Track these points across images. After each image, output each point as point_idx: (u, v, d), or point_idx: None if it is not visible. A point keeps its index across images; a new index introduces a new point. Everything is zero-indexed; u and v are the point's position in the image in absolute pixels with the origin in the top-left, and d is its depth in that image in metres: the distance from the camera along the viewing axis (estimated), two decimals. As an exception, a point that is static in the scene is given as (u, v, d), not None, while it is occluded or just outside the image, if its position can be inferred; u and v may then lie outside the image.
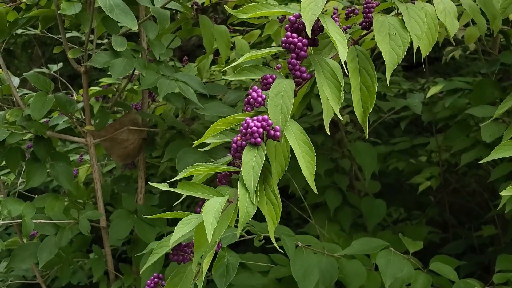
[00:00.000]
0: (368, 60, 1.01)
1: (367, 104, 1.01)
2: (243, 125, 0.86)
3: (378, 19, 1.01)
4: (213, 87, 1.70)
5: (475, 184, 2.54)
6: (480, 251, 2.28)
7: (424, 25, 1.00)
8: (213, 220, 0.78)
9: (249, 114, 0.91)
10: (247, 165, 0.84)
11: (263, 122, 0.85)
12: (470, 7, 1.22)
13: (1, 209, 1.47)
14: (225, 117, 0.90)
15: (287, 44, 0.93)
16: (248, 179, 0.83)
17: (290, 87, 0.89)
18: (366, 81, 1.00)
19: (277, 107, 0.87)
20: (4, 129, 1.52)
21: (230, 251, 1.37)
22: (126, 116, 1.76)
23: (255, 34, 2.08)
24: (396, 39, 0.99)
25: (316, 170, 2.12)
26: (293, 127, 0.89)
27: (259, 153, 0.85)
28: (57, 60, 2.05)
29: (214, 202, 0.81)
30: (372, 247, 1.55)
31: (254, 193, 0.83)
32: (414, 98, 2.10)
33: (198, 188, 0.88)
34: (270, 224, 0.90)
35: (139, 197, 1.77)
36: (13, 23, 1.59)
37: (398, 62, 1.00)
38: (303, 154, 0.88)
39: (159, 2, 1.56)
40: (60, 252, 1.61)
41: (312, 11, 0.89)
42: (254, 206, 0.83)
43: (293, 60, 0.93)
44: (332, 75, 0.92)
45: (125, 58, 1.51)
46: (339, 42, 0.89)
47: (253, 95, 0.90)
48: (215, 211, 0.80)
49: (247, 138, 0.85)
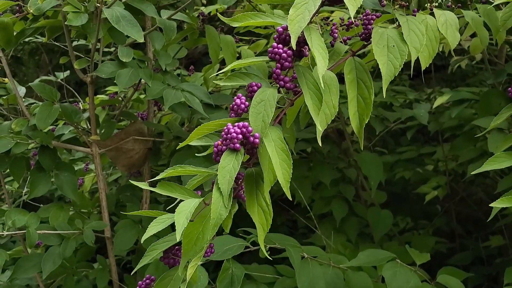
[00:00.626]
0: (365, 72, 1.02)
1: (364, 116, 1.02)
2: (224, 130, 0.89)
3: (377, 31, 1.01)
4: (219, 96, 1.69)
5: (482, 193, 2.53)
6: (488, 262, 2.26)
7: (423, 38, 1.01)
8: (184, 220, 0.81)
9: (232, 120, 0.93)
10: (224, 170, 0.86)
11: (243, 129, 0.88)
12: (473, 19, 1.22)
13: (6, 220, 1.47)
14: (208, 122, 0.93)
15: (273, 54, 0.94)
16: (224, 182, 0.85)
17: (273, 96, 0.91)
18: (363, 93, 1.01)
19: (258, 114, 0.90)
20: (10, 139, 1.52)
21: (235, 262, 1.36)
22: (131, 126, 1.76)
23: (261, 44, 2.08)
24: (394, 51, 0.99)
25: (322, 180, 2.12)
26: (273, 135, 0.91)
27: (237, 159, 0.87)
28: (64, 67, 2.06)
29: (188, 203, 0.84)
30: (378, 258, 1.54)
31: (228, 196, 0.85)
32: (420, 108, 2.09)
33: (176, 189, 0.91)
34: (260, 231, 0.91)
35: (144, 207, 1.77)
36: (20, 33, 1.59)
37: (395, 74, 1.00)
38: (280, 162, 0.89)
39: (165, 13, 1.56)
40: (64, 262, 1.61)
41: (298, 24, 0.90)
42: (226, 210, 0.85)
43: (277, 70, 0.94)
44: (315, 86, 0.93)
45: (131, 68, 1.51)
46: (319, 57, 0.90)
47: (237, 102, 0.93)
48: (188, 212, 0.82)
49: (227, 143, 0.88)
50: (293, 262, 1.43)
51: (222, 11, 1.93)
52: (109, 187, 2.23)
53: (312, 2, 0.92)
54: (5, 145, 1.51)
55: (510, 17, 1.16)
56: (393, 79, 1.01)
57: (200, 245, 0.87)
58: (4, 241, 1.61)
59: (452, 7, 1.25)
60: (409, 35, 1.00)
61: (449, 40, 1.07)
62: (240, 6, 2.00)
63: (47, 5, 1.43)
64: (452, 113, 1.95)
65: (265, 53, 2.24)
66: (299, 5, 0.92)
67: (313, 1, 0.93)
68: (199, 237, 0.88)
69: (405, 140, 2.55)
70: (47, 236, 1.55)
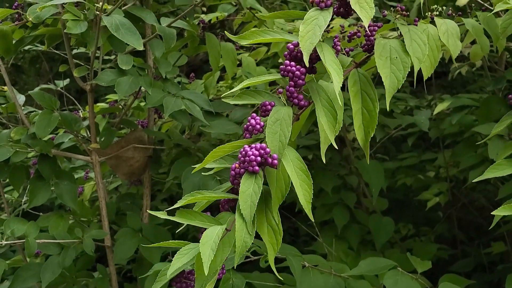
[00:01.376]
0: (369, 84, 1.01)
1: (369, 129, 1.01)
2: (241, 152, 0.86)
3: (379, 43, 1.01)
4: (220, 104, 1.69)
5: (484, 199, 2.52)
6: (490, 269, 2.25)
7: (425, 48, 1.00)
8: (210, 252, 0.78)
9: (248, 141, 0.91)
10: (245, 194, 0.83)
11: (261, 151, 0.85)
12: (473, 27, 1.22)
13: (5, 229, 1.46)
14: (224, 144, 0.90)
15: (286, 72, 0.93)
16: (246, 208, 0.83)
17: (288, 114, 0.89)
18: (367, 105, 1.00)
19: (275, 134, 0.88)
20: (9, 148, 1.52)
21: (235, 273, 1.35)
22: (131, 134, 1.75)
23: (262, 51, 2.08)
24: (397, 63, 0.98)
25: (324, 187, 2.11)
26: (290, 155, 0.89)
27: (257, 182, 0.84)
28: (64, 75, 2.06)
29: (211, 233, 0.81)
30: (379, 267, 1.53)
31: (251, 222, 0.82)
32: (421, 115, 2.09)
33: (196, 217, 0.88)
34: (270, 251, 0.89)
35: (144, 216, 1.76)
36: (19, 41, 1.59)
37: (398, 86, 1.00)
38: (301, 183, 0.88)
39: (165, 21, 1.56)
40: (64, 271, 1.60)
41: (310, 40, 0.89)
42: (251, 237, 0.82)
43: (291, 88, 0.93)
44: (329, 103, 0.92)
45: (131, 76, 1.51)
46: (334, 73, 0.89)
47: (251, 122, 0.91)
48: (212, 242, 0.80)
49: (245, 166, 0.86)
50: (294, 272, 1.42)
51: (223, 18, 1.93)
52: (109, 196, 2.22)
53: (322, 17, 0.91)
54: (5, 154, 1.51)
55: (510, 24, 1.16)
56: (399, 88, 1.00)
57: (213, 269, 0.85)
58: (3, 250, 1.61)
59: (452, 15, 1.25)
60: (411, 45, 0.99)
61: (451, 49, 1.06)
62: (240, 14, 2.00)
63: (47, 13, 1.43)
64: (452, 119, 1.94)
65: (266, 61, 2.25)
66: (309, 21, 0.91)
67: (323, 16, 0.92)
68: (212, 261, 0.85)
69: (406, 146, 2.54)
70: (46, 245, 1.54)
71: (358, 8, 0.92)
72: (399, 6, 1.08)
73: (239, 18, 1.99)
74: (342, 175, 2.20)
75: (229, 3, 1.87)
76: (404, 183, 2.38)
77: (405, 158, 2.43)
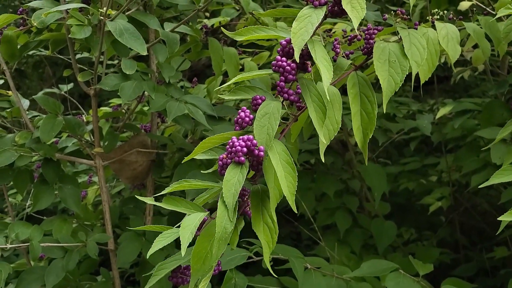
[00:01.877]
0: (368, 86, 1.02)
1: (367, 130, 1.01)
2: (229, 143, 0.89)
3: (378, 46, 1.02)
4: (222, 108, 1.70)
5: (486, 204, 2.52)
6: (492, 273, 2.25)
7: (424, 52, 1.01)
8: (189, 235, 0.81)
9: (236, 133, 0.93)
10: (229, 183, 0.85)
11: (247, 142, 0.87)
12: (475, 31, 1.23)
13: (9, 233, 1.47)
14: (213, 136, 0.93)
15: (277, 67, 0.94)
16: (228, 196, 0.85)
17: (277, 108, 0.91)
18: (366, 107, 1.01)
19: (263, 128, 0.89)
20: (13, 152, 1.53)
21: (238, 273, 1.36)
22: (135, 138, 1.76)
23: (264, 56, 2.08)
24: (395, 66, 0.99)
25: (326, 191, 2.12)
26: (277, 148, 0.90)
27: (242, 172, 0.86)
28: (67, 80, 2.07)
29: (193, 218, 0.84)
30: (381, 269, 1.53)
31: (233, 210, 0.84)
32: (423, 119, 2.10)
33: (182, 204, 0.90)
34: (265, 249, 0.91)
35: (147, 219, 1.76)
36: (24, 46, 1.60)
37: (396, 89, 1.01)
38: (285, 174, 0.89)
39: (169, 26, 1.57)
40: (67, 275, 1.61)
41: (302, 37, 0.90)
42: (232, 223, 0.84)
43: (281, 83, 0.95)
44: (319, 99, 0.93)
45: (134, 80, 1.52)
46: (324, 69, 0.90)
47: (241, 115, 0.93)
48: (193, 226, 0.82)
49: (232, 156, 0.88)
50: (296, 273, 1.43)
51: (225, 23, 1.94)
52: (112, 200, 2.23)
53: (315, 15, 0.93)
54: (9, 158, 1.52)
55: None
56: (396, 90, 1.01)
57: (209, 264, 0.87)
58: (8, 254, 1.61)
59: (453, 19, 1.25)
60: (410, 49, 1.00)
61: (450, 54, 1.07)
62: (243, 19, 2.01)
63: (51, 18, 1.45)
64: (455, 124, 1.95)
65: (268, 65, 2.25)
66: (302, 18, 0.93)
67: (316, 14, 0.93)
68: (208, 255, 0.87)
69: (408, 151, 2.55)
70: (50, 248, 1.55)
71: (349, 8, 0.93)
72: (400, 10, 1.09)
73: (242, 23, 2.00)
74: (345, 179, 2.21)
75: (232, 8, 1.88)
76: (407, 188, 2.38)
77: (408, 162, 2.44)
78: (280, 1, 2.22)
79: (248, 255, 1.44)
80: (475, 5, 1.38)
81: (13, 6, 3.92)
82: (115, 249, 1.66)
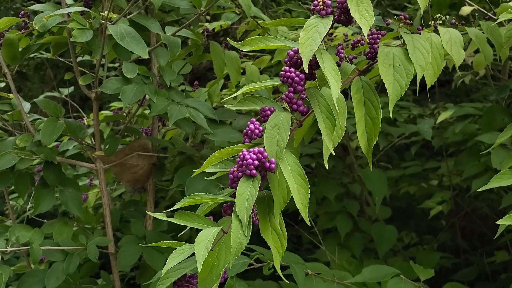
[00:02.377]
0: (372, 91, 1.01)
1: (372, 136, 1.01)
2: (240, 156, 0.87)
3: (383, 50, 1.01)
4: (223, 112, 1.70)
5: (487, 208, 2.52)
6: (493, 278, 2.24)
7: (428, 56, 1.00)
8: (204, 250, 0.79)
9: (246, 145, 0.92)
10: (241, 197, 0.84)
11: (258, 155, 0.86)
12: (477, 36, 1.23)
13: (9, 236, 1.46)
14: (223, 148, 0.91)
15: (285, 78, 0.94)
16: (242, 210, 0.84)
17: (287, 120, 0.90)
18: (370, 112, 1.01)
19: (273, 139, 0.88)
20: (14, 155, 1.53)
21: (238, 280, 1.35)
22: (136, 141, 1.76)
23: (265, 59, 2.09)
24: (400, 70, 0.99)
25: (327, 195, 2.11)
26: (288, 160, 0.90)
27: (254, 185, 0.85)
28: (69, 83, 2.07)
29: (207, 233, 0.83)
30: (382, 274, 1.53)
31: (247, 224, 0.83)
32: (424, 123, 2.10)
33: (194, 219, 0.89)
34: (275, 255, 0.90)
35: (148, 223, 1.76)
36: (25, 49, 1.60)
37: (401, 93, 1.00)
38: (297, 187, 0.88)
39: (170, 30, 1.57)
40: (68, 278, 1.60)
41: (309, 47, 0.90)
42: (246, 238, 0.83)
43: (290, 94, 0.94)
44: (328, 110, 0.93)
45: (136, 84, 1.52)
46: (333, 80, 0.90)
47: (250, 127, 0.92)
48: (207, 241, 0.81)
49: (243, 169, 0.87)
50: (297, 279, 1.42)
51: (226, 27, 1.94)
52: (113, 203, 2.23)
53: (322, 25, 0.92)
54: (10, 161, 1.52)
55: (514, 35, 1.16)
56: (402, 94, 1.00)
57: (216, 273, 0.86)
58: (8, 257, 1.61)
59: (455, 24, 1.25)
60: (414, 53, 1.00)
61: (454, 58, 1.07)
62: (244, 23, 2.01)
63: (53, 22, 1.45)
64: (456, 128, 1.95)
65: (269, 69, 2.26)
66: (309, 28, 0.92)
67: (323, 24, 0.92)
68: (215, 264, 0.87)
69: (409, 155, 2.55)
70: (51, 252, 1.55)
71: (357, 16, 0.93)
72: (403, 15, 1.09)
73: (243, 27, 2.01)
74: (345, 183, 2.21)
75: (233, 11, 1.88)
76: (407, 192, 2.38)
77: (408, 166, 2.44)
78: (282, 5, 2.22)
79: (249, 262, 1.43)
80: (476, 10, 1.38)
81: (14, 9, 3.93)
82: (116, 253, 1.66)
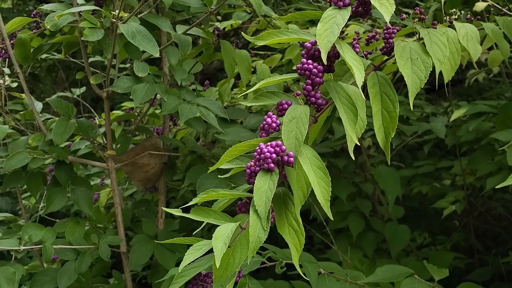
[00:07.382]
0: (389, 85, 1.00)
1: (389, 130, 0.99)
2: (257, 150, 0.86)
3: (399, 44, 1.00)
4: (234, 111, 1.69)
5: (501, 208, 2.49)
6: (508, 278, 2.22)
7: (446, 50, 0.99)
8: (222, 246, 0.78)
9: (263, 139, 0.90)
10: (260, 191, 0.83)
11: (276, 148, 0.85)
12: (493, 31, 1.21)
13: (22, 235, 1.47)
14: (240, 143, 0.90)
15: (303, 70, 0.92)
16: (260, 204, 0.82)
17: (305, 113, 0.88)
18: (387, 106, 0.99)
19: (291, 133, 0.87)
20: (26, 154, 1.53)
21: (251, 278, 1.35)
22: (147, 141, 1.76)
23: (276, 58, 2.08)
24: (418, 63, 0.97)
25: (338, 195, 2.10)
26: (307, 153, 0.88)
27: (272, 179, 0.84)
28: (80, 83, 2.08)
29: (225, 228, 0.81)
30: (396, 274, 1.52)
31: (266, 218, 0.82)
32: (437, 121, 2.08)
33: (211, 214, 0.88)
34: (294, 252, 0.88)
35: (160, 222, 1.76)
36: (37, 49, 1.61)
37: (421, 86, 0.98)
38: (318, 180, 0.86)
39: (181, 29, 1.57)
40: (80, 277, 1.61)
41: (327, 38, 0.88)
42: (265, 232, 0.82)
43: (308, 87, 0.92)
44: (348, 101, 0.91)
45: (147, 83, 1.52)
46: (355, 68, 0.88)
47: (267, 121, 0.90)
48: (225, 237, 0.79)
49: (261, 163, 0.85)
50: (310, 278, 1.41)
51: (237, 26, 1.93)
52: (124, 202, 2.23)
53: (340, 16, 0.91)
54: (22, 160, 1.52)
55: (532, 29, 1.15)
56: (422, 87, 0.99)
57: (231, 270, 0.84)
58: (21, 256, 1.61)
59: (471, 19, 1.24)
60: (431, 47, 0.98)
61: (471, 53, 1.06)
62: (254, 22, 2.01)
63: (64, 21, 1.45)
64: (469, 126, 1.93)
65: (280, 68, 2.25)
66: (326, 19, 0.91)
67: (341, 15, 0.91)
68: (230, 261, 0.85)
69: (422, 154, 2.53)
70: (63, 251, 1.55)
71: (378, 4, 0.91)
72: (418, 9, 1.07)
73: (254, 26, 2.00)
74: (357, 182, 2.19)
75: (244, 10, 1.87)
76: (420, 191, 2.36)
77: (421, 165, 2.42)
78: (293, 3, 2.21)
79: (261, 260, 1.42)
80: (491, 6, 1.36)
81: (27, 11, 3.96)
82: (127, 252, 1.66)
